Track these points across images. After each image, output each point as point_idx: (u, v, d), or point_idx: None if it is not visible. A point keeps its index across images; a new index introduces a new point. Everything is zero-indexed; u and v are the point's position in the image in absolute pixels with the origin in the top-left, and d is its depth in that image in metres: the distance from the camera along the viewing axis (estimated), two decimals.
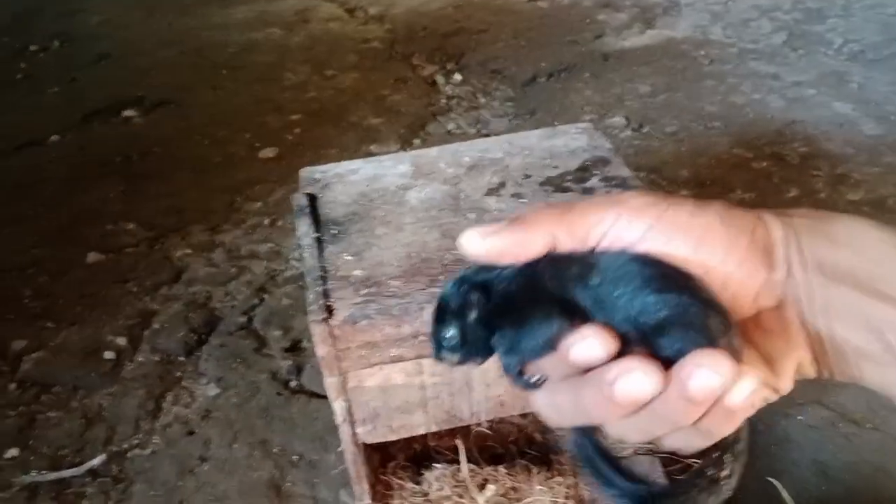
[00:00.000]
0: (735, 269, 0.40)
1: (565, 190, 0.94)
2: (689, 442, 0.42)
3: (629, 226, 0.41)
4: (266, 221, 2.02)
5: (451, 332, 0.44)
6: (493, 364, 0.45)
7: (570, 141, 1.03)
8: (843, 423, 1.30)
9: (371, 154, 2.20)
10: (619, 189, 0.94)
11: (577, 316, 0.40)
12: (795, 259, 0.41)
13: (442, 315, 0.44)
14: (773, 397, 0.43)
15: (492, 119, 2.41)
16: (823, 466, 1.23)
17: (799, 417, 1.31)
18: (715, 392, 0.37)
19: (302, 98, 2.64)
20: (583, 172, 0.97)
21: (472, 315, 0.43)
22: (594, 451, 0.49)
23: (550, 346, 0.40)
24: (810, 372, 0.43)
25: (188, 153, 2.37)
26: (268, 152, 2.33)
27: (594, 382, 0.39)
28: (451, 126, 2.39)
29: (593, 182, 0.95)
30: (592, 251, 0.42)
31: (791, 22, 2.77)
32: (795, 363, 0.42)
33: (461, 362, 0.45)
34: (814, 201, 1.84)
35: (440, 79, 2.67)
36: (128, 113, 2.63)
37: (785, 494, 1.03)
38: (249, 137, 2.41)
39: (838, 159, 1.99)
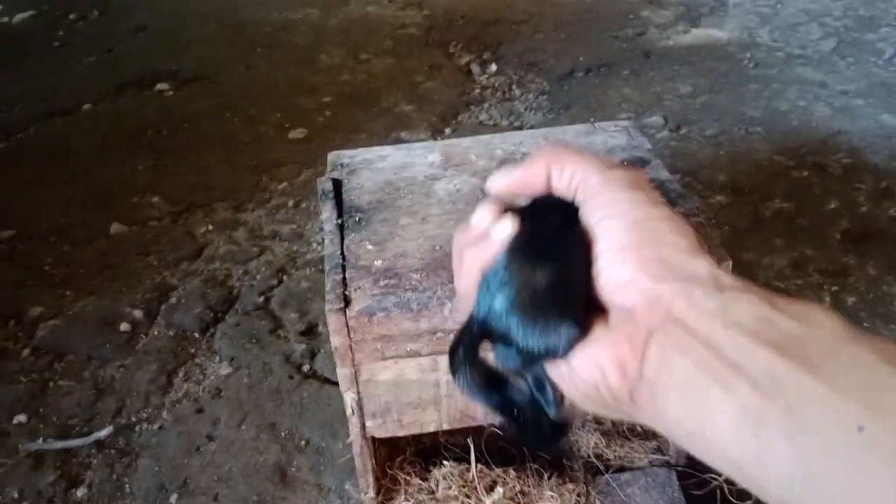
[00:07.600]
0: (611, 257, 0.45)
1: None
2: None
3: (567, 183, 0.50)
4: (290, 203, 1.99)
5: None
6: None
7: (608, 139, 0.99)
8: None
9: (401, 141, 2.17)
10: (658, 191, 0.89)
11: None
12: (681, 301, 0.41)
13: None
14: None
15: (525, 112, 2.36)
16: None
17: None
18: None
19: (335, 81, 2.61)
20: None
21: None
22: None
23: None
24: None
25: (218, 130, 2.35)
26: (297, 133, 2.31)
27: None
28: (483, 117, 2.35)
29: None
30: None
31: (841, 29, 2.67)
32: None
33: None
34: (855, 215, 1.77)
35: (475, 68, 2.63)
36: (161, 86, 2.62)
37: None
38: (280, 117, 2.39)
39: (883, 173, 1.91)
